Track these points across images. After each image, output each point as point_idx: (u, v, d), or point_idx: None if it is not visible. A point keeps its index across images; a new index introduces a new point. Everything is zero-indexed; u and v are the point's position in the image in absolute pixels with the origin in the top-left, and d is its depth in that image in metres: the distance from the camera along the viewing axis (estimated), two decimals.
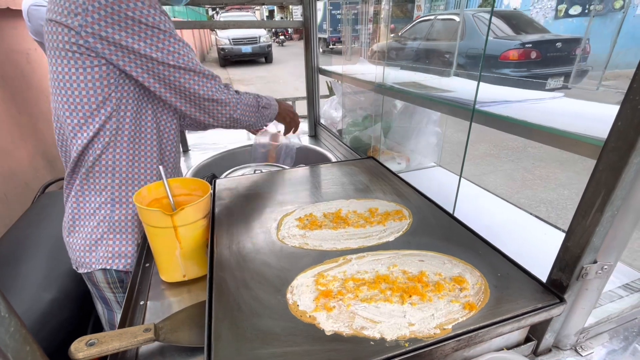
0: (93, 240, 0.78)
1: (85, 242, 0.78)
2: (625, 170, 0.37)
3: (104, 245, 0.79)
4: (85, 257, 0.79)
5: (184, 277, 0.67)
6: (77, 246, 0.79)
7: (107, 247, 0.79)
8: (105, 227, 0.78)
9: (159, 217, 0.59)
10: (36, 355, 0.25)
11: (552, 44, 3.67)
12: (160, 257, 0.66)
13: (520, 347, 0.50)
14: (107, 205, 0.77)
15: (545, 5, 5.88)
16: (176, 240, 0.62)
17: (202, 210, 0.64)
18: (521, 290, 0.47)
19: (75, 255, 0.80)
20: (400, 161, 1.29)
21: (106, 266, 0.79)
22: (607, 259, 0.44)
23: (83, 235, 0.78)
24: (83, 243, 0.78)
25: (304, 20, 1.46)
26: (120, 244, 0.80)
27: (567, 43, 3.85)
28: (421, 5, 4.93)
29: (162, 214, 0.59)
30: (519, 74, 3.48)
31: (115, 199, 0.78)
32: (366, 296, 0.47)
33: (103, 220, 0.78)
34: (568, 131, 0.52)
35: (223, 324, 0.44)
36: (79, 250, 0.79)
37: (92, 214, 0.78)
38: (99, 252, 0.79)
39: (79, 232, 0.79)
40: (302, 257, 0.57)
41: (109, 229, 0.78)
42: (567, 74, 3.64)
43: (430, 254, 0.56)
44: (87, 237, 0.78)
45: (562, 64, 3.71)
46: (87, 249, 0.78)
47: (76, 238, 0.79)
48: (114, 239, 0.79)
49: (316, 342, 0.41)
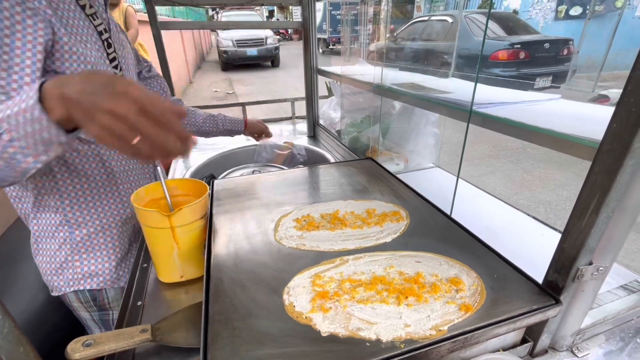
0: (58, 263, 0.73)
1: (51, 265, 0.73)
2: (620, 172, 0.37)
3: (71, 268, 0.73)
4: (54, 281, 0.74)
5: (182, 278, 0.67)
6: (44, 270, 0.74)
7: (75, 268, 0.73)
8: (67, 249, 0.72)
9: (157, 217, 0.59)
10: (30, 356, 0.25)
11: (540, 44, 3.79)
12: (157, 258, 0.66)
13: (516, 349, 0.51)
14: (64, 227, 0.71)
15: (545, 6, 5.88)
16: (173, 240, 0.62)
17: (199, 211, 0.64)
18: (517, 292, 0.47)
19: (45, 279, 0.75)
20: (398, 162, 1.29)
21: (77, 287, 0.74)
22: (603, 261, 0.44)
23: (47, 259, 0.73)
24: (49, 267, 0.73)
25: (303, 20, 1.46)
26: (89, 263, 0.74)
27: (555, 44, 3.98)
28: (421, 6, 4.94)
29: (159, 214, 0.59)
30: (508, 74, 3.58)
31: (70, 220, 0.71)
32: (362, 297, 0.48)
33: (64, 243, 0.72)
34: (564, 133, 0.52)
35: (219, 324, 0.44)
36: (46, 274, 0.74)
37: (51, 236, 0.72)
38: (67, 275, 0.73)
39: (43, 254, 0.74)
40: (299, 258, 0.57)
41: (72, 250, 0.73)
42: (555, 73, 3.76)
43: (427, 255, 0.56)
44: (51, 261, 0.73)
45: (550, 64, 3.84)
46: (54, 272, 0.73)
47: (41, 262, 0.74)
48: (80, 259, 0.74)
49: (312, 343, 0.41)
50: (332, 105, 1.71)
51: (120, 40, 0.78)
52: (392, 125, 1.33)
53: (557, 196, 2.81)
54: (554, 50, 3.96)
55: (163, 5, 1.36)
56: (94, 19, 0.68)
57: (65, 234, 0.71)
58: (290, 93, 4.00)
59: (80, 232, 0.72)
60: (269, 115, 2.08)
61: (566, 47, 4.00)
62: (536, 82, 3.64)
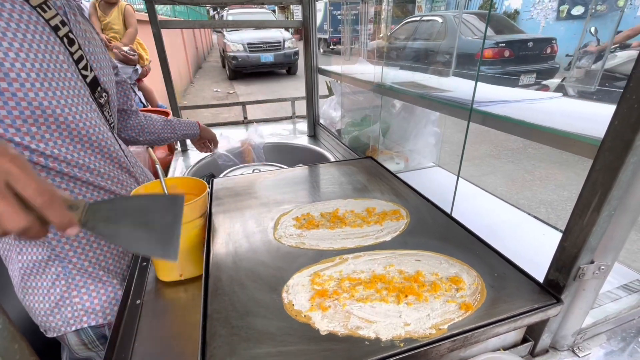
0: (53, 302, 0.63)
1: (44, 304, 0.64)
2: (621, 170, 0.37)
3: (69, 305, 0.64)
4: (50, 322, 0.64)
5: (181, 277, 0.67)
6: (36, 310, 0.64)
7: (74, 305, 0.64)
8: (63, 284, 0.64)
9: None
10: (25, 353, 0.25)
11: (524, 43, 3.99)
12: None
13: (517, 348, 0.50)
14: (54, 262, 0.63)
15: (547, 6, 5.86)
16: None
17: (198, 210, 0.64)
18: (518, 291, 0.47)
19: (39, 320, 0.65)
20: (398, 161, 1.28)
21: (79, 326, 0.65)
22: (604, 260, 0.44)
23: (39, 297, 0.63)
24: (42, 306, 0.64)
25: (303, 20, 1.46)
26: (90, 297, 0.65)
27: (538, 43, 4.21)
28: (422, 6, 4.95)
29: None
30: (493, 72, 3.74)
31: (59, 255, 0.62)
32: (362, 296, 0.47)
33: (58, 278, 0.63)
34: (565, 131, 0.52)
35: (218, 323, 0.44)
36: (39, 315, 0.65)
37: (42, 272, 0.63)
38: (65, 313, 0.64)
39: (33, 293, 0.64)
40: (298, 257, 0.57)
41: (68, 287, 0.64)
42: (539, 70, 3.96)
43: (427, 253, 0.56)
44: (44, 300, 0.63)
45: (533, 62, 4.04)
46: (49, 312, 0.64)
47: (32, 301, 0.64)
48: (79, 295, 0.65)
49: (311, 342, 0.41)
50: (333, 104, 1.71)
51: (86, 32, 0.65)
52: (393, 124, 1.33)
53: (558, 196, 2.80)
54: (538, 49, 4.16)
55: (163, 4, 1.36)
56: (43, 10, 0.53)
57: (58, 269, 0.63)
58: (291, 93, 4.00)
59: (74, 266, 0.64)
60: (269, 115, 2.08)
61: (549, 45, 4.20)
62: (520, 79, 3.78)
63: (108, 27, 2.08)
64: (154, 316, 0.61)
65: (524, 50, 3.88)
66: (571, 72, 3.15)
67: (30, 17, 0.51)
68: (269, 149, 1.51)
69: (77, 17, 0.64)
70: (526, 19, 7.85)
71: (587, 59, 3.15)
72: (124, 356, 0.54)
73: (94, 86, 0.65)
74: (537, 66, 4.03)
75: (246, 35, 7.71)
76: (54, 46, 0.54)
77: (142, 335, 0.58)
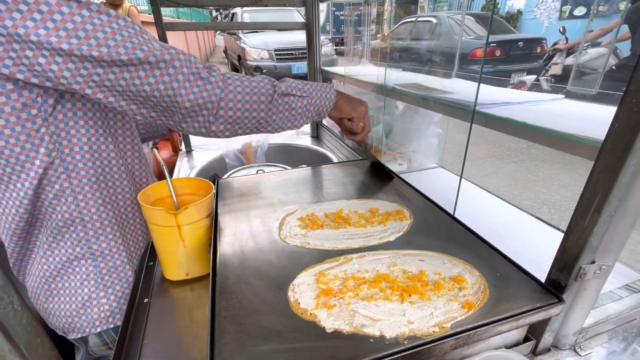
0: (80, 303, 0.63)
1: (71, 305, 0.63)
2: (622, 172, 0.37)
3: (96, 306, 0.65)
4: (75, 323, 0.65)
5: (187, 276, 0.68)
6: (61, 312, 0.64)
7: (101, 306, 0.65)
8: (92, 285, 0.64)
9: (163, 216, 0.60)
10: (46, 347, 0.26)
11: (515, 43, 4.13)
12: (164, 256, 0.67)
13: (519, 347, 0.51)
14: (86, 260, 0.63)
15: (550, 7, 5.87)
16: (180, 239, 0.63)
17: (205, 210, 0.65)
18: (520, 290, 0.48)
19: (61, 322, 0.65)
20: (401, 162, 1.29)
21: (105, 327, 0.66)
22: (605, 260, 0.45)
23: (66, 299, 0.63)
24: (68, 307, 0.64)
25: (306, 21, 1.47)
26: (116, 298, 0.67)
27: (529, 42, 4.38)
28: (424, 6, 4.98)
29: (166, 212, 0.60)
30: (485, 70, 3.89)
31: (95, 253, 0.63)
32: (366, 295, 0.48)
33: (87, 278, 0.64)
34: (567, 133, 0.53)
35: (226, 320, 0.45)
36: (64, 317, 0.65)
37: (70, 272, 0.63)
38: (92, 315, 0.65)
39: (59, 294, 0.64)
40: (303, 256, 0.58)
41: (97, 287, 0.64)
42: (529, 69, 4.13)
43: (430, 253, 0.57)
44: (71, 301, 0.63)
45: (523, 61, 4.18)
46: (75, 314, 0.64)
47: (58, 302, 0.64)
48: (107, 295, 0.65)
49: (317, 339, 0.42)
50: None
51: None
52: (395, 125, 1.34)
53: (561, 197, 2.80)
54: (528, 48, 4.31)
55: (168, 6, 1.37)
56: None
57: (88, 268, 0.63)
58: None
59: (107, 265, 0.65)
60: None
61: (539, 45, 4.39)
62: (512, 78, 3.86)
63: None
64: (162, 314, 0.63)
65: (515, 50, 4.02)
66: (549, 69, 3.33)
67: None
68: (273, 149, 1.52)
69: None
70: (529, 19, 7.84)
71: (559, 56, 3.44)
72: (133, 354, 0.55)
73: None
74: (527, 65, 4.19)
75: (271, 39, 5.97)
76: None
77: (151, 333, 0.59)
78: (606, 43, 3.02)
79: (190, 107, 0.52)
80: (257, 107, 0.58)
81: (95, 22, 0.43)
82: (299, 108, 0.63)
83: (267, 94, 0.58)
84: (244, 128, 0.60)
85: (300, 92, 0.63)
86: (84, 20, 0.42)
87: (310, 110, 0.65)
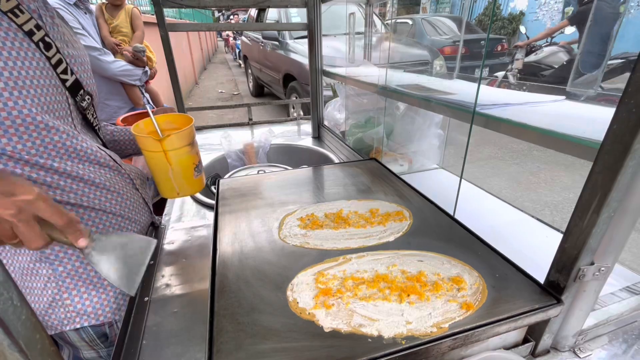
0: (47, 303, 0.63)
1: (40, 305, 0.64)
2: (621, 173, 0.37)
3: (62, 307, 0.64)
4: (47, 320, 0.65)
5: (178, 195, 0.80)
6: (34, 309, 0.62)
7: (66, 306, 0.64)
8: (53, 287, 0.63)
9: (151, 142, 0.71)
10: (45, 343, 0.26)
11: (478, 41, 4.59)
12: (157, 177, 0.78)
13: (518, 348, 0.51)
14: (44, 263, 0.62)
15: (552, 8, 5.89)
16: (167, 162, 0.74)
17: (186, 138, 0.75)
18: (519, 291, 0.48)
19: (40, 318, 0.64)
20: (402, 163, 1.29)
21: (74, 326, 0.65)
22: (605, 261, 0.45)
23: (34, 298, 0.64)
24: (38, 306, 0.64)
25: (308, 22, 1.48)
26: (82, 299, 0.65)
27: (490, 41, 5.00)
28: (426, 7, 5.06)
29: (152, 139, 0.71)
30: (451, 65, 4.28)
31: (49, 257, 0.62)
32: (365, 295, 0.48)
33: (49, 281, 0.63)
34: (566, 134, 0.53)
35: (224, 319, 0.45)
36: (39, 314, 0.64)
37: (35, 274, 0.63)
38: (59, 314, 0.64)
39: (30, 293, 0.64)
40: (302, 256, 0.58)
41: (59, 289, 0.63)
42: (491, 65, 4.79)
43: (429, 254, 0.57)
44: (39, 300, 0.63)
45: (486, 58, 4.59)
46: (44, 312, 0.64)
47: (31, 301, 0.64)
48: (70, 297, 0.64)
49: (315, 339, 0.42)
50: (337, 106, 1.72)
51: (65, 35, 0.64)
52: (396, 126, 1.34)
53: (562, 198, 2.79)
54: (490, 46, 4.84)
55: (171, 7, 1.38)
56: (15, 15, 0.52)
57: (49, 271, 0.63)
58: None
59: (65, 268, 0.64)
60: (273, 116, 2.09)
61: (499, 44, 5.03)
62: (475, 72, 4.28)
63: (116, 30, 2.12)
64: (161, 313, 0.63)
65: (477, 48, 4.39)
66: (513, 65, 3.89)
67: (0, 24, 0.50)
68: (274, 150, 1.53)
69: (54, 19, 0.62)
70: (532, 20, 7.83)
71: (520, 52, 3.95)
72: (132, 351, 0.55)
73: (76, 89, 0.64)
74: (489, 61, 4.82)
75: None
76: (27, 52, 0.53)
77: (150, 331, 0.59)
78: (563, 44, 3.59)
79: None
80: None
81: None
82: None
83: None
84: None
85: None
86: None
87: None
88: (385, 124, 1.28)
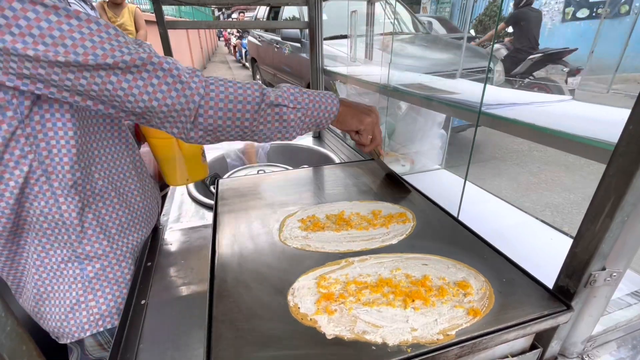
0: (68, 306, 0.62)
1: (60, 309, 0.63)
2: (636, 175, 0.36)
3: (84, 309, 0.63)
4: (64, 327, 0.63)
5: (188, 181, 0.82)
6: (51, 315, 0.63)
7: (90, 309, 0.64)
8: (79, 288, 0.63)
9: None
10: (32, 355, 0.25)
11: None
12: (165, 165, 0.79)
13: (525, 355, 0.49)
14: (72, 262, 0.62)
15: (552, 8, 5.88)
16: (178, 148, 0.76)
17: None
18: (527, 297, 0.46)
19: (51, 326, 0.64)
20: (404, 163, 1.28)
21: (95, 330, 0.65)
22: (616, 266, 0.43)
23: (55, 302, 0.63)
24: (57, 311, 0.63)
25: (309, 20, 1.46)
26: (106, 300, 0.65)
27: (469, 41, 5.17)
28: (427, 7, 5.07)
29: None
30: None
31: (80, 256, 0.61)
32: (368, 300, 0.47)
33: (74, 282, 0.62)
34: (577, 135, 0.51)
35: (223, 325, 0.43)
36: (53, 320, 0.64)
37: (58, 276, 0.62)
38: (80, 318, 0.63)
39: (48, 298, 0.63)
40: (303, 259, 0.56)
41: (84, 290, 0.63)
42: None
43: (434, 257, 0.55)
44: (59, 304, 0.62)
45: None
46: (64, 317, 0.63)
47: (48, 305, 0.63)
48: (95, 299, 0.64)
49: (317, 346, 0.40)
50: None
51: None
52: (398, 126, 1.32)
53: (563, 199, 2.78)
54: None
55: (170, 5, 1.36)
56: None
57: (76, 271, 0.62)
58: None
59: (94, 268, 0.63)
60: None
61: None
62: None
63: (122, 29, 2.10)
64: (158, 317, 0.61)
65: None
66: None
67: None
68: (274, 149, 1.51)
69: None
70: None
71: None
72: (128, 356, 0.54)
73: None
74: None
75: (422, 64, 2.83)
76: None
77: (147, 336, 0.58)
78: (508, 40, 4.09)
79: (167, 112, 0.49)
80: (241, 117, 0.53)
81: (64, 27, 0.42)
82: (291, 120, 0.58)
83: (253, 103, 0.53)
84: (227, 136, 0.56)
85: (294, 104, 0.57)
86: (51, 25, 0.41)
87: (306, 122, 0.60)
88: (387, 123, 1.27)
